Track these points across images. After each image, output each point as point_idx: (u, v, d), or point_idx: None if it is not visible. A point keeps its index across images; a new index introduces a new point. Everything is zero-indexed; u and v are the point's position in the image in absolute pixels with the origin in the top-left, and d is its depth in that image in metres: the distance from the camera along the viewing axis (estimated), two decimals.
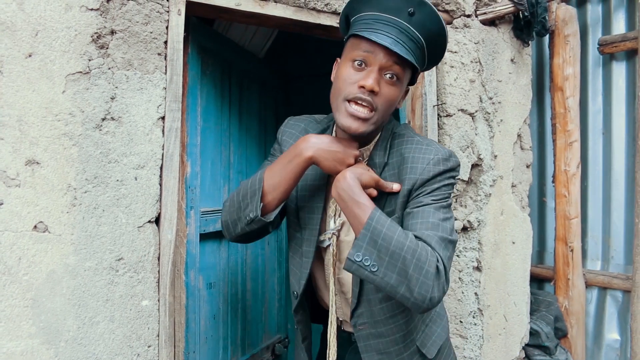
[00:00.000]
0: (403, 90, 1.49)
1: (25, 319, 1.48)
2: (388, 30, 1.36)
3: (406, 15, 1.37)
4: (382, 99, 1.40)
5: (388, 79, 1.40)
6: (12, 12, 1.48)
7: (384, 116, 1.46)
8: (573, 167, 3.03)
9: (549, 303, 3.07)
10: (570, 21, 3.00)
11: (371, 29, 1.38)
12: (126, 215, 1.63)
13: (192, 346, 2.01)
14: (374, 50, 1.38)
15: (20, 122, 1.48)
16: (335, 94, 1.45)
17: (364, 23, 1.41)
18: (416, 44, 1.40)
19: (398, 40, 1.36)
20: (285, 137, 1.69)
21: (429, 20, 1.39)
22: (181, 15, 1.76)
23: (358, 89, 1.38)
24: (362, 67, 1.40)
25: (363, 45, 1.39)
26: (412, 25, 1.37)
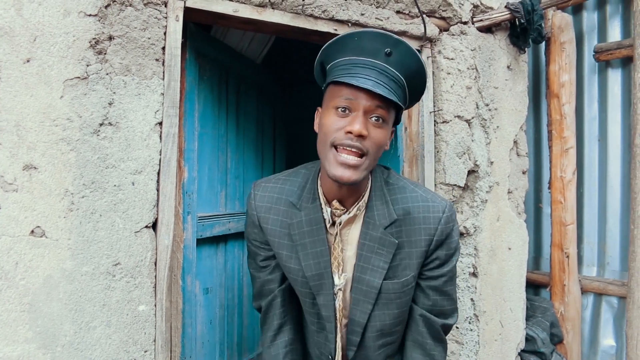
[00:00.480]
0: (390, 131, 1.46)
1: (21, 323, 1.48)
2: (367, 73, 1.34)
3: (383, 56, 1.35)
4: (371, 142, 1.36)
5: (374, 122, 1.37)
6: (11, 18, 1.48)
7: (374, 161, 1.42)
8: (569, 174, 3.04)
9: (544, 309, 3.08)
10: (566, 28, 3.01)
11: (350, 73, 1.35)
12: (123, 220, 1.63)
13: (189, 351, 2.01)
14: (356, 95, 1.34)
15: (18, 127, 1.49)
16: (322, 142, 1.41)
17: (341, 69, 1.38)
18: (397, 83, 1.38)
19: (379, 82, 1.34)
20: (262, 213, 1.58)
21: (406, 58, 1.38)
22: (179, 22, 1.76)
23: (345, 135, 1.34)
24: (347, 114, 1.36)
25: (344, 91, 1.36)
26: (391, 65, 1.36)
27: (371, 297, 1.51)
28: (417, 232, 1.48)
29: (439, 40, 2.44)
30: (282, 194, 1.57)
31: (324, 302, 1.56)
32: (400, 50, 1.36)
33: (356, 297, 1.53)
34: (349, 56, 1.38)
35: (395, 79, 1.37)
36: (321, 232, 1.51)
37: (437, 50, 2.44)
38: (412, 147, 2.44)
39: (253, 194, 1.60)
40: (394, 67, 1.37)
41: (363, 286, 1.51)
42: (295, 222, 1.53)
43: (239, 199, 2.62)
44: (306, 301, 1.61)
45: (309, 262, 1.53)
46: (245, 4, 1.90)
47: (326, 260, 1.52)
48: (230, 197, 2.53)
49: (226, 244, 2.47)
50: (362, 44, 1.36)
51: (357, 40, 1.37)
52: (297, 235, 1.53)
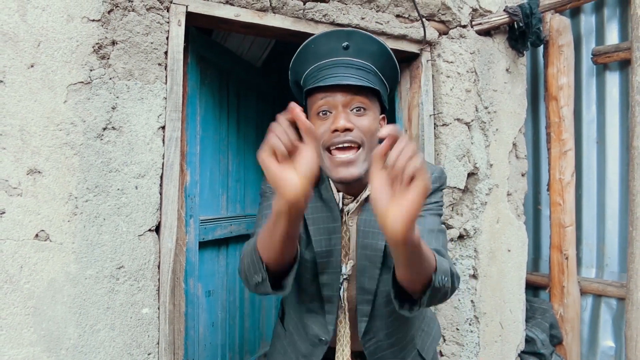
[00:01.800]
0: (377, 117, 1.44)
1: (26, 326, 1.49)
2: (333, 72, 1.36)
3: (342, 51, 1.37)
4: (360, 132, 1.36)
5: (356, 113, 1.37)
6: (15, 24, 1.50)
7: (371, 148, 1.39)
8: (568, 176, 3.06)
9: (544, 310, 3.09)
10: (564, 32, 3.03)
11: (318, 78, 1.37)
12: (127, 223, 1.64)
13: (192, 353, 2.02)
14: (330, 95, 1.35)
15: (22, 132, 1.50)
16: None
17: (311, 78, 1.40)
18: (365, 70, 1.38)
19: (347, 75, 1.35)
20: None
21: (364, 45, 1.39)
22: (181, 26, 1.78)
23: (333, 134, 1.34)
24: (327, 116, 1.37)
25: (318, 95, 1.37)
26: (352, 56, 1.37)
27: (377, 260, 1.48)
28: None
29: (438, 44, 2.46)
30: None
31: (327, 281, 1.52)
32: (356, 40, 1.38)
33: (362, 264, 1.51)
34: (313, 64, 1.40)
35: (362, 67, 1.38)
36: (335, 210, 1.50)
37: (437, 54, 2.46)
38: None
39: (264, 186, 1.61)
40: (356, 56, 1.38)
41: (368, 251, 1.49)
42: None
43: (240, 202, 2.63)
44: (307, 278, 1.55)
45: (320, 237, 1.50)
46: (246, 9, 1.91)
47: (337, 238, 1.51)
48: (232, 201, 2.54)
49: (227, 247, 2.48)
50: (319, 48, 1.39)
51: (314, 47, 1.40)
52: (310, 209, 1.51)
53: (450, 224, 2.48)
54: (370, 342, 1.57)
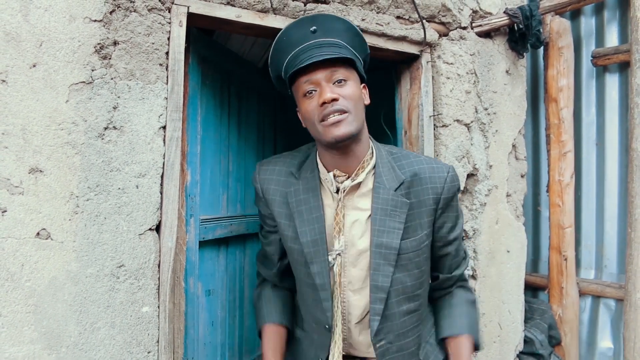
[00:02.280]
0: (358, 85, 1.55)
1: (27, 324, 1.50)
2: (309, 54, 1.46)
3: (311, 35, 1.49)
4: (345, 100, 1.47)
5: (338, 84, 1.48)
6: (17, 23, 1.51)
7: (358, 113, 1.51)
8: (567, 177, 3.06)
9: (543, 311, 3.10)
10: (564, 33, 3.04)
11: (295, 64, 1.48)
12: (127, 222, 1.65)
13: (191, 352, 2.03)
14: (310, 74, 1.48)
15: (24, 131, 1.51)
16: (311, 126, 1.53)
17: (289, 66, 1.50)
18: (336, 45, 1.49)
19: (321, 53, 1.45)
20: (264, 185, 1.70)
21: (331, 24, 1.51)
22: (182, 27, 1.79)
23: (322, 107, 1.46)
24: (313, 94, 1.49)
25: (301, 79, 1.50)
26: (321, 37, 1.49)
27: (391, 258, 1.54)
28: (425, 192, 1.56)
29: (438, 45, 2.47)
30: (283, 166, 1.70)
31: (318, 270, 1.59)
32: (322, 21, 1.51)
33: (377, 262, 1.55)
34: (289, 53, 1.51)
35: (333, 44, 1.49)
36: (317, 199, 1.60)
37: (437, 55, 2.47)
38: (412, 151, 2.46)
39: (258, 169, 1.75)
40: (325, 36, 1.49)
41: (382, 249, 1.54)
42: (292, 190, 1.63)
43: (240, 202, 2.64)
44: (302, 270, 1.66)
45: (305, 228, 1.60)
46: (247, 10, 1.92)
47: (321, 227, 1.59)
48: (232, 200, 2.55)
49: (227, 247, 2.49)
50: (291, 38, 1.51)
51: (286, 39, 1.52)
52: (294, 203, 1.62)
53: None
54: (381, 343, 1.59)
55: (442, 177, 1.57)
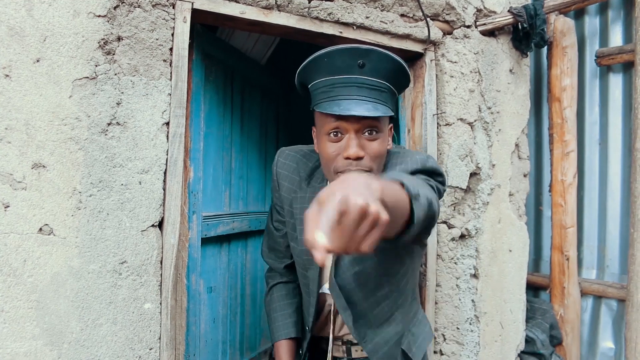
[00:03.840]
0: (386, 136, 1.46)
1: (29, 320, 1.50)
2: (347, 93, 1.34)
3: (358, 69, 1.34)
4: (370, 157, 1.38)
5: (368, 136, 1.38)
6: (22, 18, 1.50)
7: (379, 169, 1.43)
8: (570, 177, 3.06)
9: (544, 311, 3.09)
10: (568, 33, 3.03)
11: (331, 97, 1.35)
12: (130, 219, 1.65)
13: (193, 349, 2.02)
14: (343, 119, 1.35)
15: (28, 126, 1.50)
16: (326, 168, 1.45)
17: (322, 92, 1.38)
18: (379, 89, 1.37)
19: (361, 98, 1.33)
20: (279, 169, 1.69)
21: (381, 63, 1.36)
22: (187, 23, 1.78)
23: (345, 161, 1.36)
24: (339, 137, 1.38)
25: (330, 117, 1.36)
26: (367, 75, 1.35)
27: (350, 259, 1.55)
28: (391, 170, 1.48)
29: (442, 44, 2.46)
30: (299, 165, 1.66)
31: (312, 275, 1.61)
32: (373, 58, 1.34)
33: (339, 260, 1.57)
34: (325, 77, 1.37)
35: (377, 87, 1.36)
36: None
37: (441, 54, 2.46)
38: (415, 149, 2.46)
39: (277, 160, 1.72)
40: (372, 75, 1.35)
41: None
42: (298, 196, 1.61)
43: (242, 199, 2.63)
44: (299, 270, 1.69)
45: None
46: (251, 6, 1.92)
47: None
48: (234, 197, 2.55)
49: (230, 244, 2.48)
50: (333, 62, 1.35)
51: (327, 60, 1.36)
52: (298, 210, 1.61)
53: (452, 223, 2.48)
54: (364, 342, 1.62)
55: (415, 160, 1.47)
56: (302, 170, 1.65)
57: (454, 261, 2.50)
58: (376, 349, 1.62)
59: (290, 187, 1.65)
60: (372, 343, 1.61)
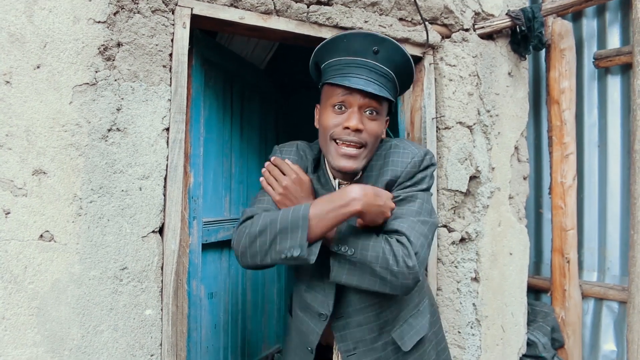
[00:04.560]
0: (384, 121, 1.58)
1: (30, 327, 1.49)
2: (359, 72, 1.47)
3: (372, 54, 1.48)
4: (367, 134, 1.50)
5: (369, 115, 1.50)
6: (22, 25, 1.50)
7: (372, 149, 1.56)
8: (569, 179, 3.06)
9: (545, 314, 3.09)
10: (566, 35, 3.04)
11: (343, 73, 1.49)
12: (131, 225, 1.65)
13: (194, 355, 2.02)
14: (350, 93, 1.48)
15: (28, 133, 1.50)
16: (323, 137, 1.55)
17: (335, 69, 1.51)
18: (386, 77, 1.50)
19: (370, 80, 1.47)
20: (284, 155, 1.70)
21: (393, 54, 1.50)
22: (186, 29, 1.79)
23: (343, 130, 1.48)
24: (343, 110, 1.50)
25: (339, 90, 1.49)
26: (379, 61, 1.49)
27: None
28: (384, 174, 1.58)
29: (441, 47, 2.46)
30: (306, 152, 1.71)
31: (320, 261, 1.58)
32: (387, 47, 1.49)
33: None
34: (341, 56, 1.51)
35: (385, 74, 1.50)
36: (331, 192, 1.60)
37: (439, 57, 2.46)
38: None
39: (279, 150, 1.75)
40: (383, 63, 1.49)
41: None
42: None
43: (243, 204, 2.63)
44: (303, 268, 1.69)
45: None
46: (251, 12, 1.92)
47: None
48: (235, 203, 2.55)
49: (230, 250, 2.48)
50: (351, 44, 1.49)
51: (346, 42, 1.50)
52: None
53: (452, 226, 2.48)
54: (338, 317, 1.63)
55: (405, 162, 1.56)
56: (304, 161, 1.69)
57: (455, 265, 2.50)
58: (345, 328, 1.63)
59: None
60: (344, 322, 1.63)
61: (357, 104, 1.48)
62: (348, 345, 1.62)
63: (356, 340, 1.62)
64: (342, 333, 1.63)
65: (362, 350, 1.62)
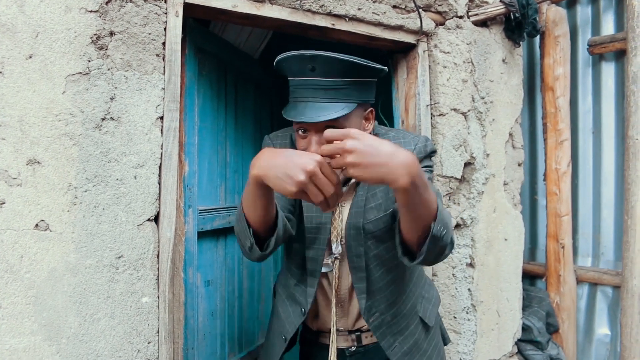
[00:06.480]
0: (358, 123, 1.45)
1: (27, 316, 1.50)
2: (305, 95, 1.37)
3: (309, 72, 1.36)
4: None
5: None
6: (13, 14, 1.50)
7: None
8: (564, 166, 3.08)
9: (540, 299, 3.12)
10: (560, 22, 3.04)
11: (292, 99, 1.41)
12: (126, 213, 1.65)
13: (191, 342, 2.03)
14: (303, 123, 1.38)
15: (22, 123, 1.50)
16: None
17: (290, 91, 1.43)
18: (334, 88, 1.37)
19: (316, 100, 1.35)
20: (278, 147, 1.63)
21: (330, 66, 1.35)
22: (179, 17, 1.78)
23: None
24: (305, 134, 1.41)
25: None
26: (320, 76, 1.36)
27: (360, 238, 1.57)
28: None
29: (435, 34, 2.46)
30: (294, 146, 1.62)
31: (313, 255, 1.60)
32: (320, 62, 1.34)
33: (350, 244, 1.58)
34: (289, 77, 1.43)
35: (332, 86, 1.36)
36: None
37: (434, 44, 2.47)
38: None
39: (272, 143, 1.70)
40: (324, 76, 1.36)
41: (352, 230, 1.57)
42: None
43: (238, 193, 2.64)
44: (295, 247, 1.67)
45: (311, 214, 1.60)
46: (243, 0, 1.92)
47: (327, 217, 1.58)
48: (230, 191, 2.55)
49: (226, 238, 2.49)
50: (290, 66, 1.39)
51: (285, 65, 1.40)
52: None
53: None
54: (373, 317, 1.63)
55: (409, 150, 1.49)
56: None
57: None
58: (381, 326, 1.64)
59: None
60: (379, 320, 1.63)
61: (314, 129, 1.37)
62: (389, 341, 1.63)
63: (394, 333, 1.64)
64: (381, 330, 1.63)
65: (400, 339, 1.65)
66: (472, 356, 2.62)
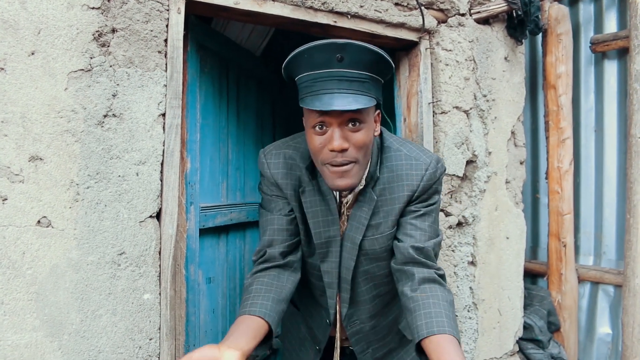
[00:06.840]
0: (372, 125, 1.45)
1: (29, 312, 1.50)
2: (329, 86, 1.33)
3: (337, 63, 1.33)
4: (355, 148, 1.38)
5: (352, 127, 1.37)
6: (15, 11, 1.50)
7: (365, 160, 1.44)
8: (566, 164, 3.07)
9: (542, 297, 3.12)
10: (563, 20, 3.04)
11: (313, 92, 1.35)
12: (128, 210, 1.66)
13: (192, 339, 2.04)
14: (326, 112, 1.34)
15: (24, 119, 1.50)
16: (313, 157, 1.45)
17: (305, 87, 1.38)
18: (360, 81, 1.36)
19: (342, 92, 1.33)
20: (272, 170, 1.59)
21: (359, 56, 1.34)
22: (181, 14, 1.78)
23: (330, 153, 1.37)
24: (324, 130, 1.37)
25: (314, 113, 1.37)
26: (347, 67, 1.34)
27: (353, 253, 1.57)
28: (399, 189, 1.52)
29: (437, 32, 2.46)
30: (295, 160, 1.59)
31: (328, 268, 1.62)
32: (350, 51, 1.33)
33: (344, 255, 1.59)
34: (307, 72, 1.37)
35: (357, 78, 1.35)
36: (332, 203, 1.55)
37: (436, 42, 2.46)
38: (411, 138, 2.47)
39: (266, 162, 1.61)
40: (352, 67, 1.34)
41: (348, 243, 1.57)
42: (307, 189, 1.56)
43: (240, 190, 2.64)
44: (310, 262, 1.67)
45: (319, 230, 1.57)
46: None
47: (335, 229, 1.57)
48: (232, 188, 2.56)
49: (228, 235, 2.49)
50: (313, 58, 1.35)
51: (307, 56, 1.37)
52: (308, 203, 1.56)
53: (449, 211, 2.49)
54: (352, 324, 1.69)
55: (419, 174, 1.51)
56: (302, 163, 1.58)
57: (452, 249, 2.52)
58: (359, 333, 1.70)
59: (294, 183, 1.58)
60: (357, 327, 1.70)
61: (336, 122, 1.35)
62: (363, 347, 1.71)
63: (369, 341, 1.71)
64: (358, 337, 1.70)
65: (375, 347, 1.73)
66: (474, 354, 2.62)
